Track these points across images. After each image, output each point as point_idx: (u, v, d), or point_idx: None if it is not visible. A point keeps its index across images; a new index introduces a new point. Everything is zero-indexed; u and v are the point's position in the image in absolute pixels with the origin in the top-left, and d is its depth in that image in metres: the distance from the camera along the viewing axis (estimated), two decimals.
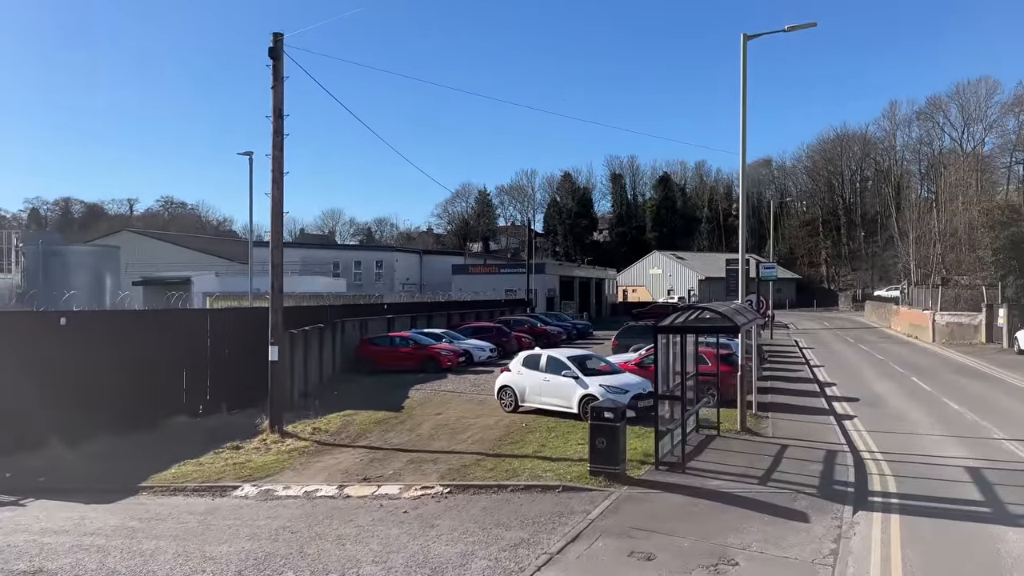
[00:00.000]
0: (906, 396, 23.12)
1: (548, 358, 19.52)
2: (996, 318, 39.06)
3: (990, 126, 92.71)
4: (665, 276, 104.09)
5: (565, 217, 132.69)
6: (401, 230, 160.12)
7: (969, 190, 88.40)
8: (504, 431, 17.63)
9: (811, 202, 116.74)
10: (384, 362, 29.48)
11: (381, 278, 71.58)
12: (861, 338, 47.45)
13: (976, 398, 22.42)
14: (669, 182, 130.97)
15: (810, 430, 17.34)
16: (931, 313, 43.10)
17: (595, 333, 48.99)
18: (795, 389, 24.32)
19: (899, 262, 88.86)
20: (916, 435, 17.10)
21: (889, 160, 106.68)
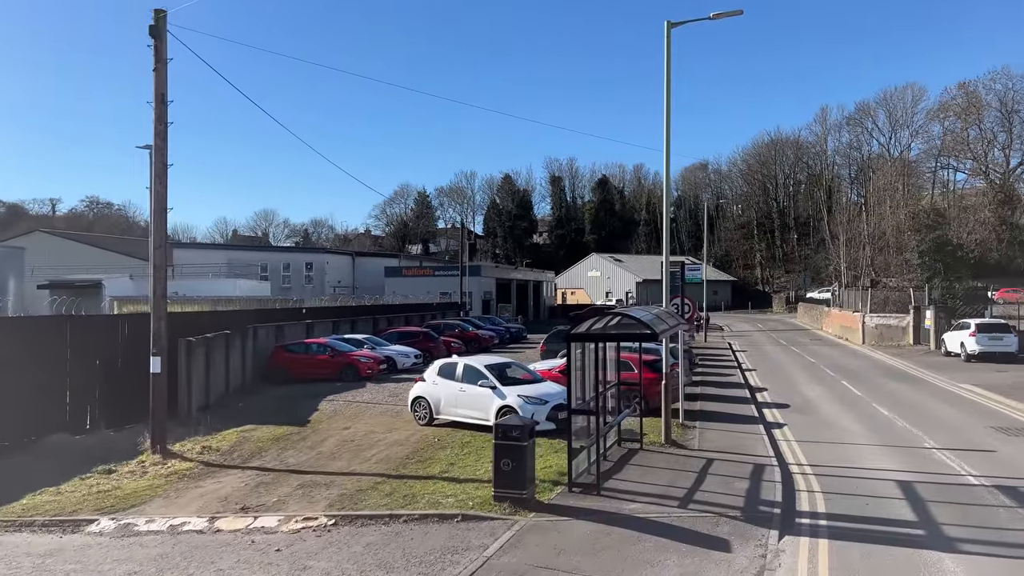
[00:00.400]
0: (836, 401, 22.53)
1: (464, 367, 18.18)
2: (923, 320, 39.33)
3: (916, 132, 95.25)
4: (604, 278, 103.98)
5: (505, 219, 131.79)
6: (338, 232, 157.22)
7: (896, 194, 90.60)
8: (413, 448, 16.21)
9: (746, 205, 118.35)
10: (299, 371, 27.69)
11: (311, 281, 69.25)
12: (793, 340, 47.48)
13: (906, 403, 21.95)
14: (608, 185, 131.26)
15: (738, 441, 16.40)
16: (861, 315, 43.28)
17: (529, 337, 47.83)
18: (726, 395, 23.53)
19: (830, 264, 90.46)
20: (846, 445, 16.33)
21: (821, 164, 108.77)
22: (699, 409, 20.80)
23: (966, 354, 32.01)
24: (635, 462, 14.36)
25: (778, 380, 27.90)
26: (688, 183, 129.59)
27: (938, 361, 32.77)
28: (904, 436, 17.08)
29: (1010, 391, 23.03)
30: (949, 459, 14.66)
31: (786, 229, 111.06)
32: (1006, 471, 13.64)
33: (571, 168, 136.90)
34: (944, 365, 31.08)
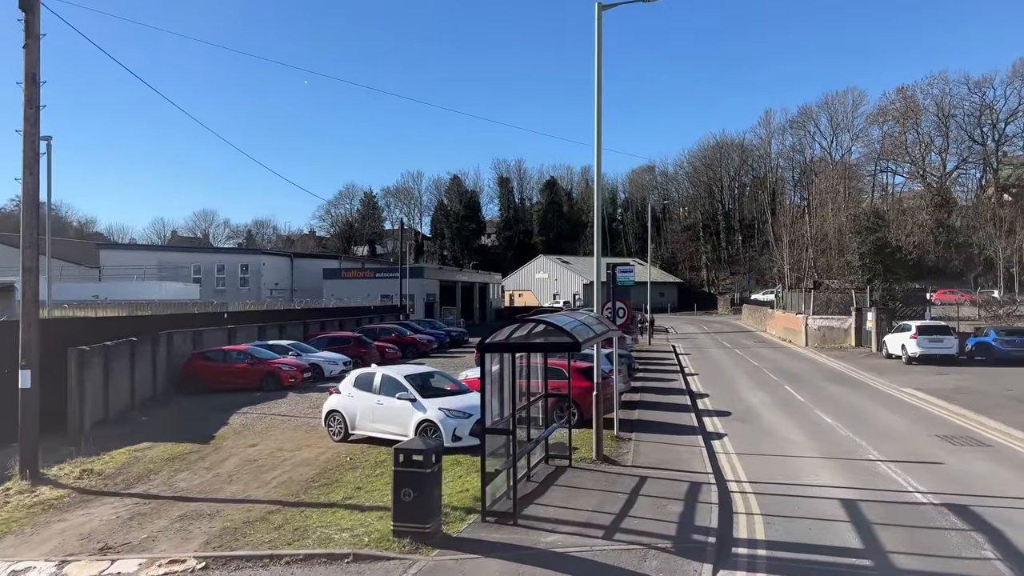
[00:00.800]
0: (779, 408, 21.69)
1: (383, 377, 16.70)
2: (865, 322, 39.15)
3: (857, 135, 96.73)
4: (551, 280, 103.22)
5: (452, 220, 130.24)
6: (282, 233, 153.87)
7: (838, 197, 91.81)
8: (321, 468, 14.68)
9: (692, 207, 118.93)
10: (216, 380, 25.81)
11: (247, 283, 66.69)
12: (737, 343, 47.05)
13: (849, 410, 21.21)
14: (556, 186, 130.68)
15: (675, 455, 15.28)
16: (804, 317, 43.02)
17: (471, 340, 46.53)
18: (666, 403, 22.49)
19: (774, 266, 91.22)
20: (788, 457, 15.34)
21: (765, 167, 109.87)
22: (637, 419, 19.70)
23: (907, 356, 31.71)
24: (562, 482, 13.09)
25: (721, 385, 27.06)
26: (635, 185, 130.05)
27: (880, 364, 32.41)
28: (848, 447, 16.20)
29: (951, 395, 22.49)
30: (895, 473, 13.75)
31: (731, 231, 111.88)
32: (954, 487, 12.76)
33: (519, 169, 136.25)
34: (886, 368, 30.69)
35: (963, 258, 79.92)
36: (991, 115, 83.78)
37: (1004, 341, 30.68)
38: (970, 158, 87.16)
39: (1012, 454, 15.20)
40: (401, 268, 51.99)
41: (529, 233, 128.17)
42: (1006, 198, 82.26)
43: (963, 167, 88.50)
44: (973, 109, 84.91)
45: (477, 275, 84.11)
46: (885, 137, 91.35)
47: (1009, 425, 17.59)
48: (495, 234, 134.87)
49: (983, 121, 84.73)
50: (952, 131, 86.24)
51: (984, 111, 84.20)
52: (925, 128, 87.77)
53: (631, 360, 26.50)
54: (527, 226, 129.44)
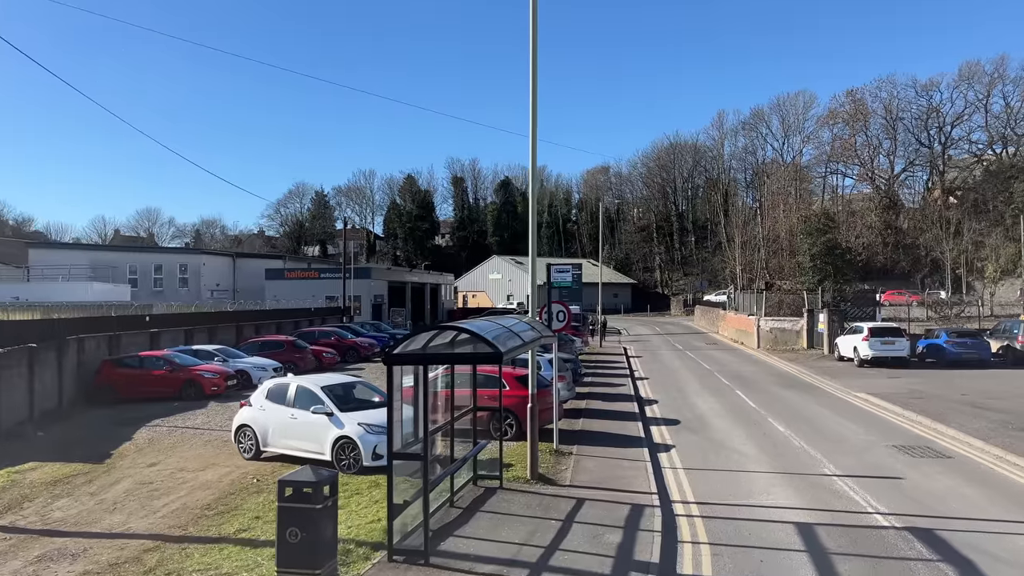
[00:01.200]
0: (730, 416, 20.61)
1: (297, 388, 15.09)
2: (816, 323, 38.61)
3: (808, 138, 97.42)
4: (505, 281, 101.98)
5: (406, 220, 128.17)
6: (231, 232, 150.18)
7: (789, 198, 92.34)
8: (222, 492, 13.04)
9: (646, 208, 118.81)
10: (131, 389, 23.83)
11: (187, 284, 63.93)
12: (689, 344, 46.28)
13: (802, 417, 20.23)
14: (510, 186, 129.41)
15: (618, 472, 14.01)
16: (756, 319, 42.39)
17: None
18: (612, 411, 21.27)
19: (727, 267, 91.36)
20: (740, 472, 14.18)
21: (718, 168, 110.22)
22: (580, 429, 18.41)
23: (859, 359, 31.09)
24: (490, 507, 11.67)
25: (671, 391, 25.97)
26: (589, 186, 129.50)
27: (832, 366, 31.75)
28: (802, 460, 15.11)
29: (906, 401, 21.70)
30: (853, 490, 12.66)
31: (685, 232, 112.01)
32: (917, 507, 11.70)
33: (473, 169, 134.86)
34: (838, 371, 30.00)
35: (910, 259, 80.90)
36: (938, 118, 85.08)
37: (955, 343, 30.24)
38: (917, 160, 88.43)
39: (973, 467, 14.26)
40: (344, 268, 50.08)
41: (483, 233, 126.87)
42: (952, 200, 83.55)
43: (911, 169, 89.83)
44: (920, 112, 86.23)
45: (429, 276, 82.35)
46: (835, 139, 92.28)
47: (967, 433, 16.73)
48: (449, 234, 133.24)
49: (930, 124, 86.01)
50: (900, 134, 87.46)
51: (931, 114, 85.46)
52: (874, 131, 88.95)
53: (577, 365, 25.26)
54: (481, 226, 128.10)
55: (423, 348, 9.86)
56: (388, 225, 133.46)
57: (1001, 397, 22.38)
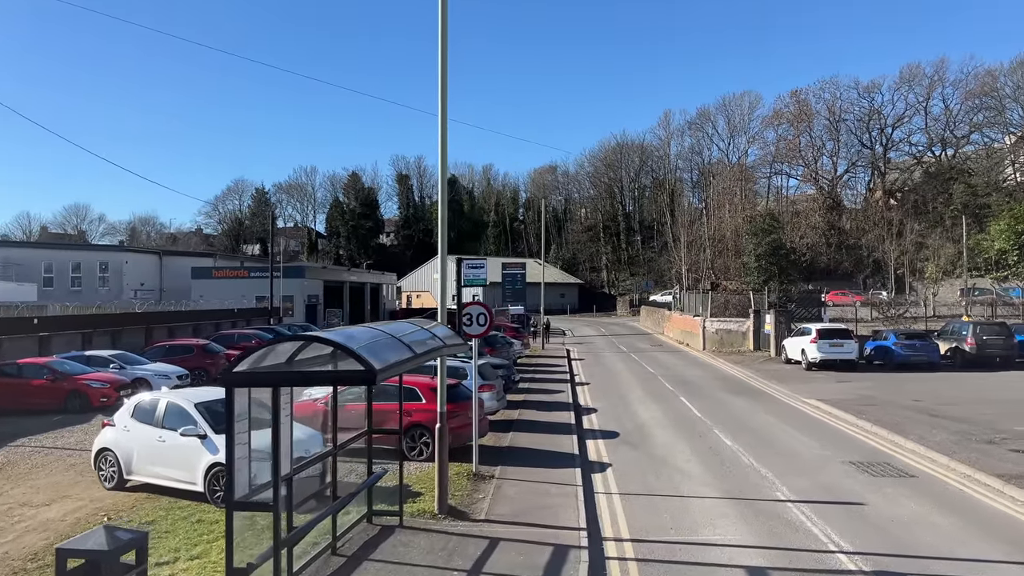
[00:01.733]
0: (673, 427, 18.90)
1: (168, 405, 12.78)
2: (763, 324, 37.45)
3: (753, 138, 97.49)
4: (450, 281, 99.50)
5: (348, 218, 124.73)
6: (168, 230, 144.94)
7: (735, 199, 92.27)
8: (62, 535, 10.65)
9: (593, 208, 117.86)
10: (6, 401, 21.03)
11: (107, 284, 60.14)
12: (634, 346, 44.82)
13: (751, 427, 18.64)
14: (457, 185, 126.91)
15: (544, 500, 12.09)
16: (701, 320, 41.10)
17: None
18: (547, 422, 19.37)
19: (673, 267, 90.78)
20: (682, 499, 12.38)
21: (664, 168, 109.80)
22: (508, 445, 16.45)
23: (807, 362, 29.87)
24: (381, 554, 9.58)
25: (612, 397, 24.22)
26: (537, 185, 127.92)
27: (779, 369, 30.47)
28: (752, 481, 13.41)
29: (859, 408, 20.32)
30: (811, 520, 10.95)
31: (631, 232, 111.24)
32: (884, 542, 10.02)
33: (419, 166, 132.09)
34: (786, 375, 28.70)
35: (853, 260, 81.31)
36: (879, 120, 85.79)
37: (904, 345, 29.24)
38: (859, 162, 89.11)
39: (941, 489, 12.74)
40: (272, 266, 47.23)
41: (429, 232, 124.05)
42: (893, 201, 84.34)
43: (853, 170, 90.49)
44: (862, 114, 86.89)
45: (369, 275, 79.63)
46: (780, 140, 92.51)
47: (928, 447, 15.29)
48: (394, 233, 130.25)
49: (871, 126, 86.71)
50: (843, 135, 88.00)
51: (872, 116, 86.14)
52: (817, 132, 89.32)
53: (511, 371, 23.30)
54: (427, 225, 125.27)
55: (274, 366, 7.72)
56: (330, 223, 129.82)
57: (955, 403, 21.21)
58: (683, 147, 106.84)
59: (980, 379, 26.41)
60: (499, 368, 21.79)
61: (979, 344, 29.04)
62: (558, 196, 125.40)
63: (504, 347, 28.18)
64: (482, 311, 13.85)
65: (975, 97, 79.30)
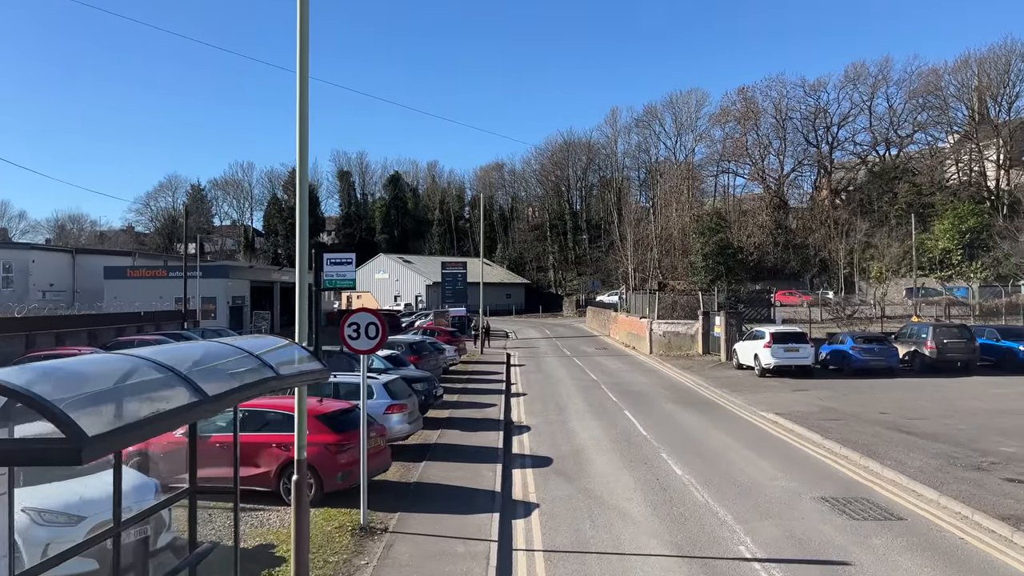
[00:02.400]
0: (617, 450, 16.34)
1: None
2: (713, 327, 35.36)
3: (700, 136, 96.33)
4: (392, 281, 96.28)
5: (287, 216, 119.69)
6: (100, 228, 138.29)
7: (682, 197, 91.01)
8: None
9: (540, 206, 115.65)
10: None
11: (11, 284, 55.31)
12: (578, 350, 42.41)
13: (705, 451, 16.18)
14: (400, 182, 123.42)
15: (446, 567, 9.32)
16: (648, 322, 38.86)
17: None
18: (470, 445, 16.61)
19: (620, 267, 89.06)
20: (624, 558, 9.75)
21: (611, 166, 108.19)
22: (416, 480, 13.64)
23: (760, 368, 27.75)
24: None
25: (549, 411, 21.60)
26: (483, 183, 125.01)
27: (731, 376, 28.28)
28: (709, 528, 10.85)
29: (823, 425, 18.08)
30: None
31: (579, 231, 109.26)
32: None
33: (361, 163, 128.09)
34: (739, 382, 26.50)
35: (800, 259, 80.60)
36: (825, 118, 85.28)
37: (862, 350, 27.32)
38: (806, 160, 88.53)
39: (937, 537, 10.36)
40: (186, 264, 43.47)
41: (371, 231, 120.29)
42: (839, 201, 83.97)
43: (799, 169, 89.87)
44: (808, 112, 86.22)
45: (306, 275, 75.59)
46: (727, 138, 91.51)
47: (910, 477, 13.00)
48: (335, 231, 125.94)
49: (818, 124, 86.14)
50: (789, 133, 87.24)
51: (819, 114, 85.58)
52: (764, 130, 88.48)
53: (433, 384, 20.36)
54: (369, 223, 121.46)
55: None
56: (268, 221, 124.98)
57: (925, 415, 19.20)
58: (630, 145, 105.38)
59: (944, 387, 24.59)
60: (419, 382, 18.96)
61: (940, 348, 27.31)
62: (505, 194, 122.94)
63: (432, 355, 25.37)
64: (372, 321, 11.03)
65: (919, 96, 79.34)
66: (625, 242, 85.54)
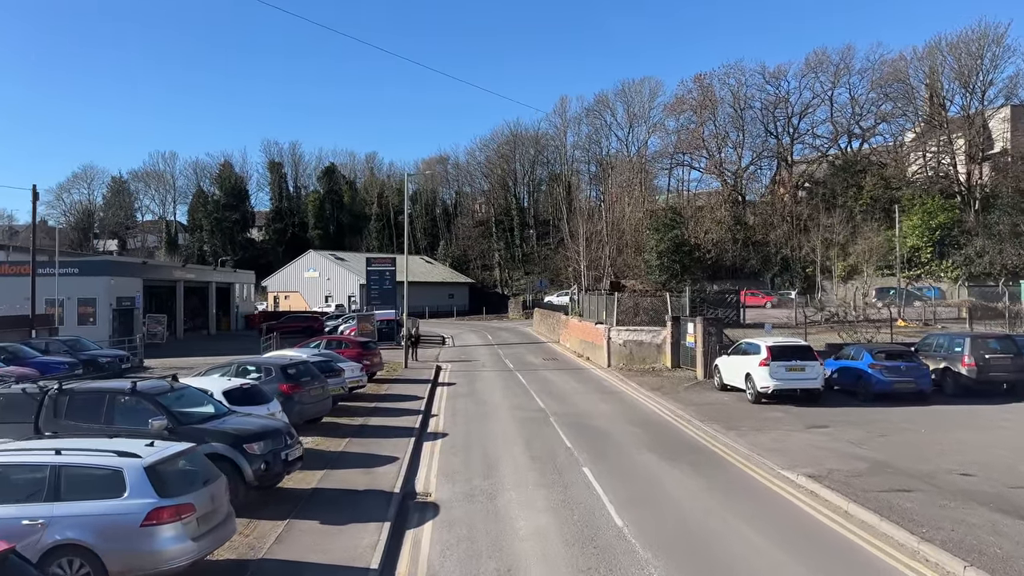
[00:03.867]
0: (574, 561, 9.59)
1: None
2: (684, 335, 29.02)
3: (654, 127, 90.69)
4: (323, 280, 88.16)
5: (213, 210, 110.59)
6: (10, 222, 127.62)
7: (635, 192, 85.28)
8: None
9: (486, 201, 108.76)
10: None
11: None
12: (523, 361, 35.72)
13: (717, 560, 9.55)
14: (335, 174, 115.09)
15: None
16: (606, 328, 32.32)
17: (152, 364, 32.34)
18: (316, 567, 9.66)
19: (570, 265, 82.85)
20: None
21: (561, 159, 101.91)
22: None
23: (755, 392, 21.37)
24: None
25: (474, 473, 14.73)
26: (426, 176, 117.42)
27: (717, 403, 21.84)
28: None
29: (891, 503, 11.67)
30: None
31: (526, 227, 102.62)
32: None
33: (294, 153, 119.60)
34: (730, 412, 20.06)
35: (760, 257, 75.46)
36: (786, 108, 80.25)
37: (885, 369, 21.12)
38: (765, 153, 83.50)
39: None
40: (33, 256, 35.48)
41: (304, 226, 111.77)
42: (800, 195, 79.08)
43: (758, 162, 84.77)
44: (768, 102, 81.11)
45: (216, 273, 67.35)
46: (682, 129, 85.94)
47: None
48: (264, 227, 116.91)
49: (778, 115, 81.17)
50: (748, 124, 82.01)
51: (779, 104, 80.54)
52: (722, 120, 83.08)
53: (283, 443, 12.85)
54: (302, 218, 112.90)
55: None
56: (193, 216, 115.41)
57: (1008, 466, 13.06)
58: (580, 136, 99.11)
59: (1007, 420, 18.57)
60: (257, 439, 11.81)
61: (981, 365, 21.33)
62: (448, 189, 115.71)
63: (315, 384, 18.22)
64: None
65: (883, 85, 74.83)
66: (576, 238, 79.30)
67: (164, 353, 39.49)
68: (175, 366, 27.87)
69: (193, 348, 42.49)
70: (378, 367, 28.49)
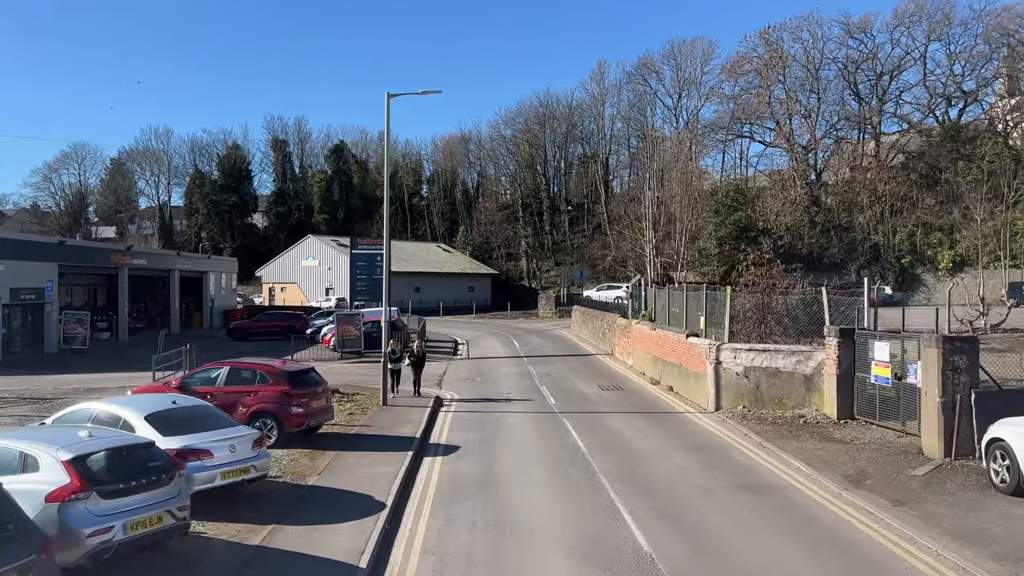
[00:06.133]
0: None
1: None
2: (872, 363, 16.38)
3: (709, 92, 77.40)
4: (323, 269, 75.98)
5: (209, 192, 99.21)
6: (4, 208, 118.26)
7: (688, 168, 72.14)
8: None
9: (512, 182, 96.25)
10: None
11: None
12: (570, 392, 23.31)
13: None
14: (344, 152, 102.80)
15: None
16: (712, 347, 19.62)
17: None
18: None
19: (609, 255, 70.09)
20: None
21: (598, 132, 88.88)
22: None
23: None
24: None
25: None
26: (445, 156, 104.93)
27: None
28: None
29: None
30: None
31: (556, 212, 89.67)
32: None
33: (299, 129, 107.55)
34: None
35: (845, 244, 62.34)
36: (873, 66, 66.64)
37: None
38: (845, 121, 69.74)
39: None
40: None
41: (309, 210, 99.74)
42: (892, 171, 65.48)
43: (834, 133, 70.96)
44: (850, 60, 67.47)
45: (184, 260, 55.40)
46: (743, 94, 72.68)
47: None
48: (265, 211, 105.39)
49: (860, 76, 67.62)
50: (824, 88, 68.54)
51: (864, 62, 66.97)
52: (792, 83, 69.65)
53: None
54: (306, 200, 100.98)
55: None
56: (189, 199, 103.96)
57: None
58: (621, 106, 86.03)
59: None
60: None
61: None
62: (470, 170, 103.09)
63: None
64: None
65: (993, 39, 61.23)
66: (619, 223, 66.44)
67: (51, 366, 27.70)
68: None
69: (107, 359, 30.71)
70: (323, 416, 16.05)
